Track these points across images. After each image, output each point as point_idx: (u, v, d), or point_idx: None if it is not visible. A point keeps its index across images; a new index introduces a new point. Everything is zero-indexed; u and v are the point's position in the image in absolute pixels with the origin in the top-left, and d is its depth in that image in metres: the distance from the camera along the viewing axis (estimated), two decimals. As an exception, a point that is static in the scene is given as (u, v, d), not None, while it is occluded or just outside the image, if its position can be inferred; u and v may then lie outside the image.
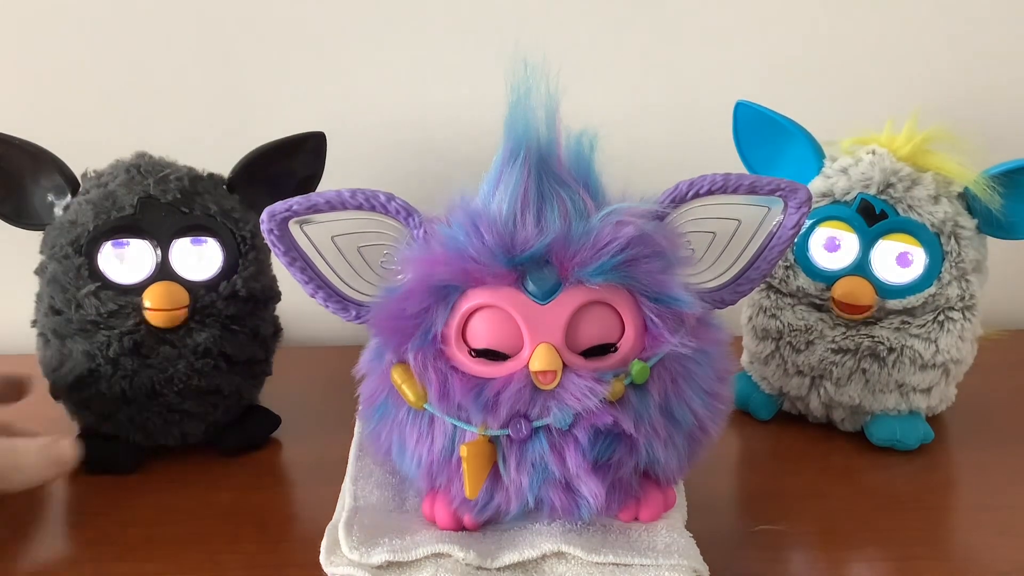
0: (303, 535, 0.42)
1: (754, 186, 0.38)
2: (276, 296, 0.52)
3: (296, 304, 0.49)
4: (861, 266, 0.51)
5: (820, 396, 0.52)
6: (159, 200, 0.48)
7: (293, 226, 0.38)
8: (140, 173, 0.49)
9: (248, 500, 0.46)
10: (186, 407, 0.49)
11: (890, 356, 0.50)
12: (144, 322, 0.47)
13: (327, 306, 0.39)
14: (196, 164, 0.51)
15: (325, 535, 0.38)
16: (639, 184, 0.37)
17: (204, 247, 0.49)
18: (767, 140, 0.54)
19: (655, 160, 0.64)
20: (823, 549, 0.42)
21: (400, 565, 0.36)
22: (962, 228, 0.50)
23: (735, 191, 0.38)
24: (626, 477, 0.37)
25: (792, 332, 0.52)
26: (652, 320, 0.36)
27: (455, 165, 0.66)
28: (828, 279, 0.51)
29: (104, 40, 0.65)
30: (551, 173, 0.35)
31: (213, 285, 0.48)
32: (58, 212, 0.49)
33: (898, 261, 0.50)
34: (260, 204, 0.39)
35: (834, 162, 0.52)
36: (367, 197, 0.37)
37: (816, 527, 0.44)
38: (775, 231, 0.40)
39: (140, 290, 0.47)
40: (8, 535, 0.43)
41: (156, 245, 0.48)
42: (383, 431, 0.38)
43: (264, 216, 0.38)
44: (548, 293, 0.35)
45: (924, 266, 0.50)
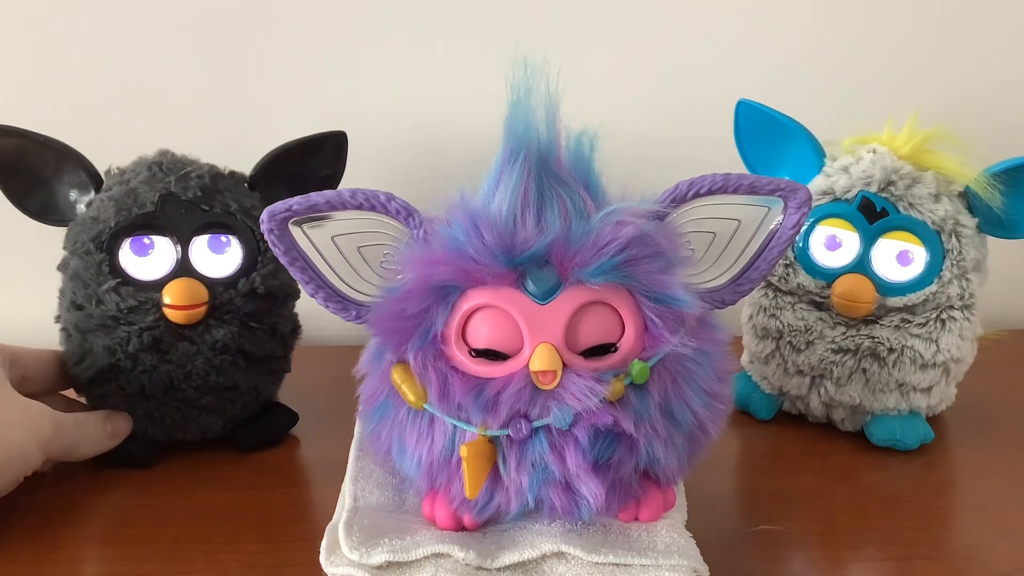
0: (303, 535, 0.42)
1: (754, 186, 0.38)
2: (295, 293, 0.53)
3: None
4: (862, 264, 0.51)
5: (820, 396, 0.52)
6: (180, 197, 0.48)
7: (293, 226, 0.38)
8: (162, 170, 0.49)
9: (248, 500, 0.46)
10: (204, 403, 0.49)
11: (890, 356, 0.50)
12: (163, 318, 0.47)
13: (327, 306, 0.39)
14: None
15: (325, 535, 0.38)
16: (639, 184, 0.37)
17: (224, 244, 0.49)
18: (768, 139, 0.54)
19: (655, 160, 0.64)
20: (823, 549, 0.42)
21: (400, 565, 0.36)
22: (963, 227, 0.50)
23: (735, 191, 0.38)
24: (626, 477, 0.36)
25: (792, 332, 0.52)
26: (652, 320, 0.36)
27: (455, 165, 0.66)
28: (828, 277, 0.51)
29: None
30: (551, 173, 0.35)
31: (232, 282, 0.49)
32: (81, 208, 0.50)
33: (899, 259, 0.50)
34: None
35: (835, 161, 0.52)
36: (367, 197, 0.37)
37: (816, 527, 0.43)
38: (775, 231, 0.39)
39: (160, 286, 0.47)
40: (8, 535, 0.43)
41: (176, 242, 0.48)
42: (383, 431, 0.38)
43: (264, 216, 0.38)
44: (548, 293, 0.35)
45: (925, 264, 0.50)
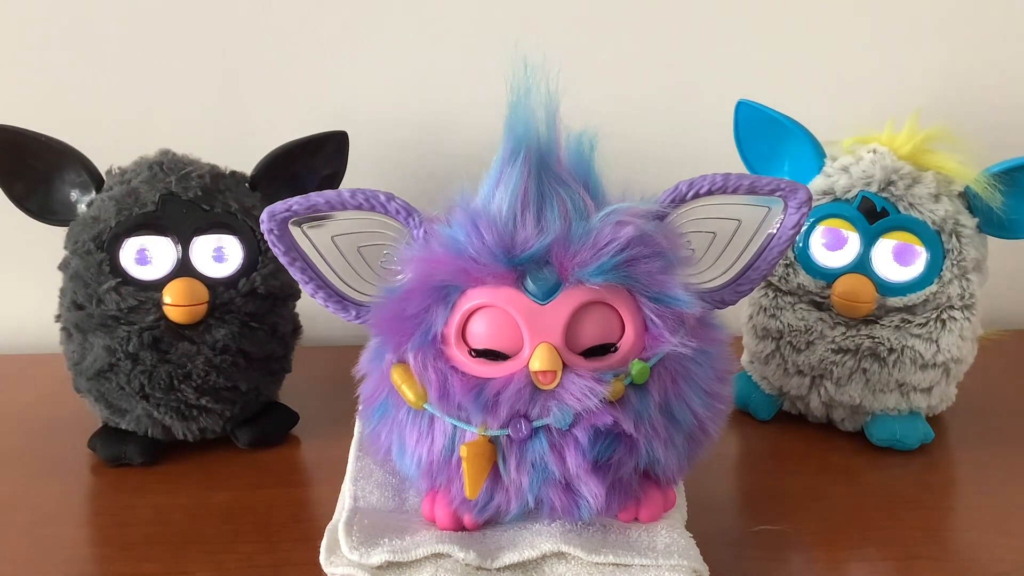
0: (303, 535, 0.42)
1: (754, 186, 0.38)
2: (295, 294, 0.53)
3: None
4: (862, 264, 0.51)
5: (820, 396, 0.52)
6: (180, 197, 0.48)
7: (293, 226, 0.38)
8: (163, 170, 0.49)
9: (248, 500, 0.46)
10: (204, 403, 0.49)
11: (890, 356, 0.50)
12: (164, 318, 0.47)
13: (327, 306, 0.39)
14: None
15: (325, 535, 0.38)
16: (639, 184, 0.37)
17: (224, 244, 0.49)
18: (768, 139, 0.54)
19: (655, 160, 0.64)
20: (823, 549, 0.42)
21: (400, 565, 0.36)
22: (963, 227, 0.50)
23: (735, 191, 0.38)
24: (626, 477, 0.36)
25: (792, 332, 0.52)
26: (652, 320, 0.36)
27: (455, 165, 0.66)
28: (829, 277, 0.51)
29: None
30: (551, 173, 0.35)
31: (232, 282, 0.49)
32: (82, 208, 0.50)
33: (899, 259, 0.50)
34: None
35: (835, 161, 0.52)
36: (367, 197, 0.37)
37: (816, 527, 0.43)
38: (775, 231, 0.39)
39: (160, 286, 0.47)
40: (8, 535, 0.43)
41: (177, 242, 0.48)
42: (383, 431, 0.38)
43: (264, 216, 0.38)
44: (548, 293, 0.35)
45: (925, 264, 0.50)
